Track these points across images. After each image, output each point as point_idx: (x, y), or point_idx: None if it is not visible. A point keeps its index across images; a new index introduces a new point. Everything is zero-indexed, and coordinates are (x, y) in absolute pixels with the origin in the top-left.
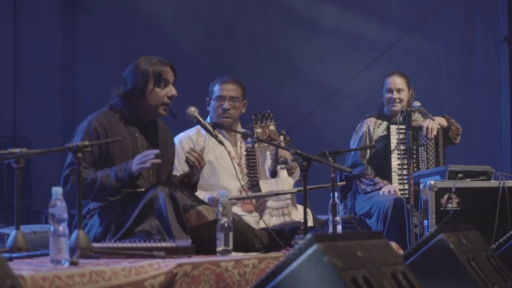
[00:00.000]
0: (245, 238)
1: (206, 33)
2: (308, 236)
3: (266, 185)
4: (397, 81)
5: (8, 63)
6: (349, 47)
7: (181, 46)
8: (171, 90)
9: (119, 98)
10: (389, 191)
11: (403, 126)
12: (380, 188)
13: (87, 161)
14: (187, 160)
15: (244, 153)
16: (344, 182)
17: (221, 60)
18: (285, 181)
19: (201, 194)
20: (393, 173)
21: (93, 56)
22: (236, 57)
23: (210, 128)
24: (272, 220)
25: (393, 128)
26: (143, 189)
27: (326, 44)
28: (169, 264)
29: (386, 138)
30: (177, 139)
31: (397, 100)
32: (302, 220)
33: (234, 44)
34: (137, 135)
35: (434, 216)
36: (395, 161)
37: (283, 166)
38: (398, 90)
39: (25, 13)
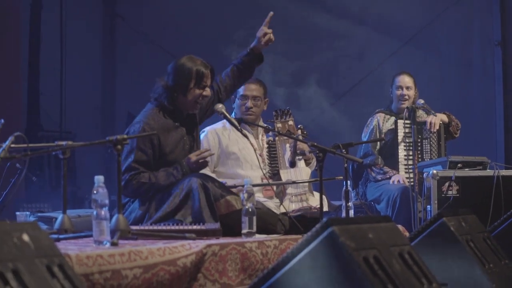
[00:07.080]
0: (268, 225)
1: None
2: (324, 219)
3: (286, 174)
4: (406, 80)
5: (56, 68)
6: (365, 43)
7: (214, 51)
8: (207, 91)
9: (163, 90)
10: (398, 181)
11: (409, 121)
12: (390, 177)
13: (141, 161)
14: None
15: (266, 145)
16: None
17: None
18: (303, 171)
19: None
20: (400, 163)
21: (131, 61)
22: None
23: (236, 123)
24: (291, 205)
25: (400, 122)
26: None
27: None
28: (199, 244)
29: (394, 131)
30: (204, 132)
31: (406, 97)
32: (318, 206)
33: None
34: (179, 129)
35: (436, 202)
36: (402, 152)
37: (301, 157)
38: (407, 88)
39: (70, 21)
